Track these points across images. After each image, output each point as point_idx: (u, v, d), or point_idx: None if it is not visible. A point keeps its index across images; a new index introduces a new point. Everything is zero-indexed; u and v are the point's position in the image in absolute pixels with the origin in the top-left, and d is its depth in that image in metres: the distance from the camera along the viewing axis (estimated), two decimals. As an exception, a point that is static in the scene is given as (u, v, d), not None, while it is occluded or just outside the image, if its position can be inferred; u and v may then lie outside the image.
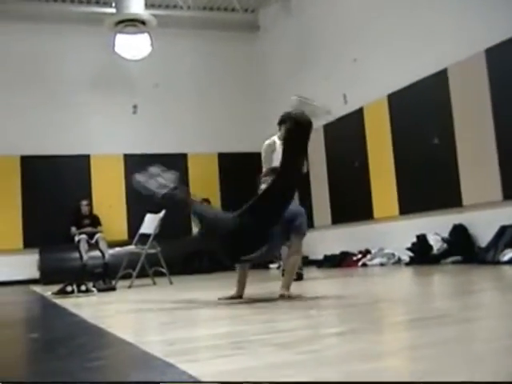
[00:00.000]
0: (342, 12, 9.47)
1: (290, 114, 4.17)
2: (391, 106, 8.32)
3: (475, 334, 2.18)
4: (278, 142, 6.41)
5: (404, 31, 8.11)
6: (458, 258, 6.87)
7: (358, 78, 9.05)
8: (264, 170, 6.25)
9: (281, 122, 6.44)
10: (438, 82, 7.42)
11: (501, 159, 6.58)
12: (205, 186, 11.17)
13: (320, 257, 9.17)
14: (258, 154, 11.83)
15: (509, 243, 6.22)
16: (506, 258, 6.09)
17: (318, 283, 5.41)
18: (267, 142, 6.59)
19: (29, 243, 9.99)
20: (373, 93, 8.61)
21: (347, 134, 9.27)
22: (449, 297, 3.63)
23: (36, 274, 9.60)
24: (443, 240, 7.13)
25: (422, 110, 7.72)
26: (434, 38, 7.56)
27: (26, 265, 9.79)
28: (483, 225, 6.83)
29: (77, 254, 8.89)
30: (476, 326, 2.34)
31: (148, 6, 9.95)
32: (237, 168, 11.25)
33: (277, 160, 6.25)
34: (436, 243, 7.14)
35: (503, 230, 6.41)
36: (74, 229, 9.24)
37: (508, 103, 6.55)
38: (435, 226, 7.37)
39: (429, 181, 7.55)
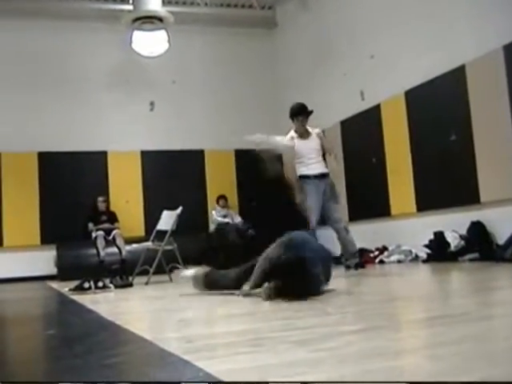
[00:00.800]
0: (359, 8, 9.42)
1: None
2: (408, 102, 8.27)
3: (495, 332, 2.17)
4: (296, 137, 6.41)
5: (421, 27, 8.05)
6: (476, 255, 6.82)
7: (375, 75, 9.00)
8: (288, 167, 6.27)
9: (293, 115, 6.44)
10: (456, 78, 7.36)
11: (519, 156, 6.52)
12: (222, 182, 11.20)
13: (337, 254, 9.14)
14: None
15: (527, 240, 6.18)
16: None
17: (335, 280, 5.39)
18: (289, 135, 6.53)
19: (46, 239, 10.08)
20: (390, 89, 8.56)
21: (364, 130, 9.24)
22: (467, 294, 3.61)
23: (53, 271, 9.70)
24: (461, 237, 7.09)
25: (439, 107, 7.67)
26: (452, 35, 7.51)
27: (44, 261, 9.88)
28: (501, 222, 6.78)
29: (94, 251, 8.93)
30: (496, 324, 2.33)
31: (165, 2, 9.96)
32: (253, 164, 11.21)
33: (299, 155, 6.30)
34: (453, 240, 7.10)
35: (522, 226, 6.36)
36: (91, 225, 9.28)
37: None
38: (453, 223, 7.32)
39: (446, 177, 7.49)
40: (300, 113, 6.41)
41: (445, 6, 7.66)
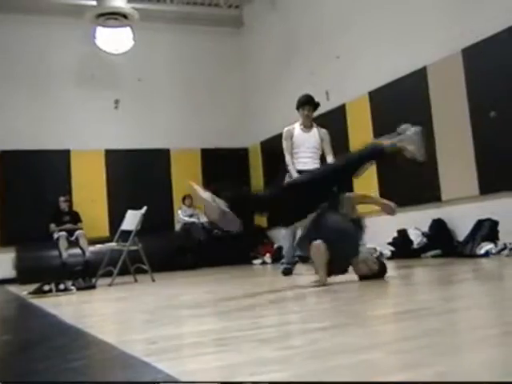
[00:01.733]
0: (325, 9, 9.47)
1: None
2: (372, 102, 8.37)
3: (457, 326, 2.21)
4: (298, 128, 6.31)
5: (386, 30, 8.17)
6: (438, 251, 6.95)
7: (340, 75, 9.07)
8: (287, 157, 6.19)
9: (298, 106, 6.33)
10: (418, 79, 7.49)
11: (477, 155, 6.70)
12: (188, 181, 11.13)
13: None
14: (243, 150, 11.88)
15: (485, 237, 6.34)
16: (482, 251, 6.19)
17: (301, 277, 5.42)
18: (286, 128, 6.40)
19: (5, 241, 9.72)
20: (355, 90, 8.65)
21: (330, 130, 9.27)
22: (430, 289, 3.66)
23: (12, 274, 9.29)
24: (423, 234, 7.22)
25: (402, 107, 7.77)
26: (415, 37, 7.65)
27: (2, 263, 9.45)
28: (461, 219, 6.92)
29: (56, 252, 8.77)
30: (457, 318, 2.37)
31: (131, -1, 9.87)
32: (220, 164, 11.22)
33: (295, 146, 6.21)
34: (416, 238, 7.24)
35: (480, 223, 6.53)
36: (53, 226, 9.12)
37: (483, 101, 6.65)
38: (415, 221, 7.43)
39: (409, 177, 7.59)
40: (305, 103, 6.32)
41: (408, 9, 7.78)
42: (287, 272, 6.05)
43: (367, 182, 8.32)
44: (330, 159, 6.19)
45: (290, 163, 6.15)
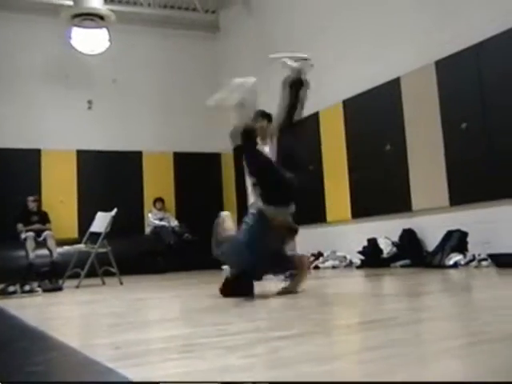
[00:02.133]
0: (300, 16, 9.54)
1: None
2: (346, 111, 8.42)
3: (422, 336, 2.22)
4: (259, 142, 6.19)
5: (360, 39, 8.25)
6: (407, 261, 7.01)
7: (314, 83, 9.08)
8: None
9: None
10: (391, 90, 7.57)
11: (448, 166, 6.78)
12: (159, 185, 11.10)
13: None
14: (215, 155, 11.86)
15: (454, 247, 6.41)
16: (451, 262, 6.25)
17: (270, 285, 5.42)
18: None
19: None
20: (329, 98, 8.69)
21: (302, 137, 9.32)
22: (397, 299, 3.68)
23: None
24: (393, 244, 7.27)
25: (375, 117, 7.85)
26: (389, 48, 7.74)
27: None
28: (431, 229, 7.00)
29: (22, 252, 8.63)
30: (422, 328, 2.39)
31: (107, 1, 9.81)
32: (192, 168, 11.20)
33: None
34: (386, 247, 7.28)
35: (449, 234, 6.60)
36: (20, 225, 8.97)
37: (455, 113, 6.74)
38: (385, 230, 7.49)
39: (380, 186, 7.67)
40: (256, 118, 6.21)
41: (383, 20, 7.88)
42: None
43: (339, 190, 8.39)
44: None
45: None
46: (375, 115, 7.85)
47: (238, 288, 3.87)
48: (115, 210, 7.02)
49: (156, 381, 1.56)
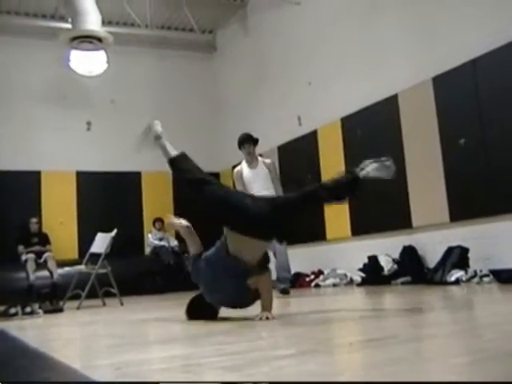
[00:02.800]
0: (297, 36, 9.61)
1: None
2: (344, 128, 8.45)
3: (423, 354, 2.21)
4: (245, 166, 6.49)
5: (358, 57, 8.30)
6: (408, 278, 6.98)
7: (312, 101, 9.17)
8: None
9: (239, 145, 6.49)
10: (389, 106, 7.60)
11: (448, 182, 6.78)
12: (159, 205, 11.09)
13: (273, 277, 9.16)
14: (215, 174, 11.85)
15: (455, 264, 6.38)
16: (452, 279, 6.23)
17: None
18: (236, 169, 6.61)
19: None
20: (327, 116, 8.74)
21: (301, 155, 9.36)
22: (398, 317, 3.67)
23: None
24: (393, 261, 7.25)
25: (373, 133, 7.87)
26: (386, 65, 7.78)
27: None
28: (431, 246, 6.98)
29: (23, 274, 8.61)
30: (423, 346, 2.37)
31: (105, 22, 9.88)
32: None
33: (246, 182, 6.37)
34: (387, 264, 7.26)
35: (450, 250, 6.58)
36: (21, 247, 8.97)
37: (454, 128, 6.77)
38: (386, 247, 7.48)
39: (380, 202, 7.66)
40: (243, 142, 6.50)
41: (380, 37, 7.93)
42: (285, 292, 6.23)
43: (338, 208, 8.38)
44: (278, 190, 6.38)
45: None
46: (373, 132, 7.87)
47: (203, 309, 3.77)
48: (115, 230, 7.02)
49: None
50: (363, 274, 7.53)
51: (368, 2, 8.17)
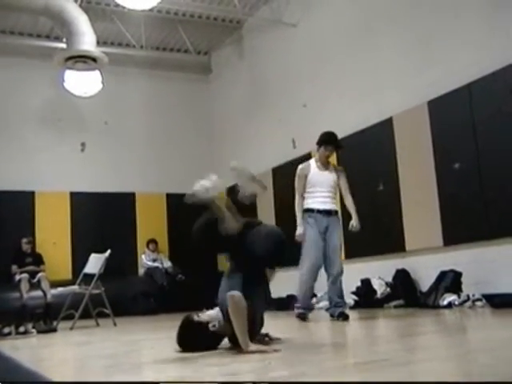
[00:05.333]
0: (293, 58, 9.70)
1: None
2: (339, 152, 8.48)
3: (417, 377, 2.22)
4: (314, 166, 5.91)
5: (353, 80, 8.37)
6: (401, 301, 6.99)
7: (307, 123, 9.23)
8: (296, 197, 5.87)
9: (322, 142, 5.90)
10: (384, 129, 7.66)
11: (442, 206, 6.81)
12: (152, 226, 11.09)
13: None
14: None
15: (449, 288, 6.40)
16: (445, 302, 6.24)
17: (265, 326, 5.40)
18: (301, 166, 6.01)
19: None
20: (321, 138, 8.77)
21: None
22: (391, 340, 3.68)
23: None
24: (386, 284, 7.26)
25: (368, 157, 7.92)
26: (381, 88, 7.85)
27: None
28: (425, 270, 7.00)
29: (16, 294, 8.56)
30: (417, 369, 2.39)
31: (100, 43, 9.95)
32: (185, 209, 11.18)
33: (311, 185, 5.82)
34: (380, 287, 7.27)
35: (443, 274, 6.59)
36: (14, 267, 8.93)
37: (448, 152, 6.82)
38: (379, 271, 7.49)
39: (373, 226, 7.67)
40: (330, 142, 5.89)
41: (376, 60, 8.01)
42: (303, 317, 5.76)
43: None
44: (348, 200, 5.94)
45: (298, 206, 5.84)
46: (369, 155, 7.91)
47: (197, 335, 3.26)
48: (109, 251, 7.02)
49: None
50: (356, 298, 7.53)
51: (364, 25, 8.28)
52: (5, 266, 8.99)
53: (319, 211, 5.78)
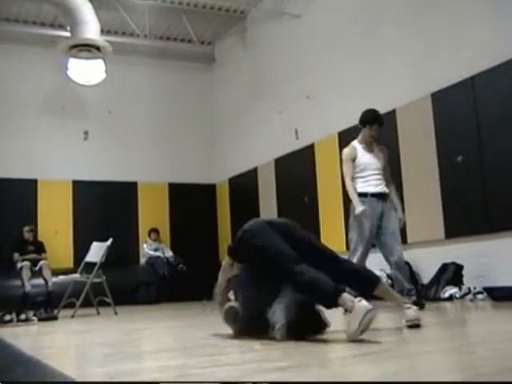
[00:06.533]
0: (297, 49, 9.66)
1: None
2: (342, 143, 8.47)
3: (416, 369, 2.22)
4: (360, 148, 5.53)
5: (356, 71, 8.34)
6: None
7: (310, 115, 9.21)
8: (347, 180, 5.41)
9: (365, 122, 5.59)
10: (387, 122, 7.61)
11: (444, 199, 6.81)
12: (154, 215, 11.10)
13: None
14: (210, 186, 11.90)
15: (450, 280, 6.41)
16: (446, 295, 6.25)
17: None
18: (346, 149, 5.59)
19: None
20: (324, 130, 8.77)
21: (298, 169, 9.39)
22: (390, 332, 3.68)
23: None
24: (388, 276, 7.25)
25: (370, 149, 7.89)
26: (385, 80, 7.82)
27: None
28: (426, 262, 7.00)
29: (18, 282, 8.60)
30: (417, 361, 2.39)
31: (104, 31, 9.91)
32: (187, 199, 11.23)
33: (360, 168, 5.40)
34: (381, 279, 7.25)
35: (445, 267, 6.60)
36: (16, 255, 8.96)
37: (451, 145, 6.80)
38: (380, 263, 7.46)
39: (376, 218, 7.68)
40: (374, 121, 5.55)
41: (379, 52, 7.98)
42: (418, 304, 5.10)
43: (334, 222, 8.40)
44: (392, 185, 5.59)
45: (351, 189, 5.36)
46: (370, 148, 7.90)
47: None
48: (110, 240, 7.03)
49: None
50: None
51: (367, 17, 8.24)
52: (6, 253, 9.03)
53: (373, 195, 5.36)
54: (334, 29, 8.86)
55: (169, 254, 10.65)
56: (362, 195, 5.37)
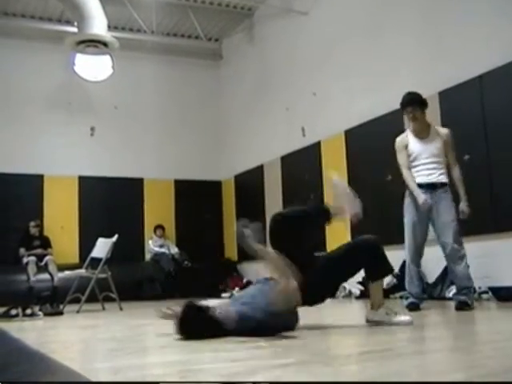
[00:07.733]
0: (304, 46, 9.66)
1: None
2: (348, 141, 8.47)
3: (421, 368, 2.21)
4: (411, 135, 5.24)
5: (363, 69, 8.33)
6: (407, 292, 6.96)
7: (316, 112, 9.20)
8: (403, 171, 5.19)
9: (404, 105, 5.22)
10: (394, 120, 7.60)
11: (450, 197, 6.76)
12: (160, 211, 11.12)
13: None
14: (216, 183, 11.91)
15: (455, 280, 6.38)
16: (451, 294, 6.23)
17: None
18: (398, 138, 5.35)
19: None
20: (331, 128, 8.77)
21: (304, 166, 9.38)
22: (395, 331, 3.67)
23: None
24: (393, 275, 7.24)
25: (377, 147, 7.88)
26: (392, 78, 7.81)
27: None
28: (431, 261, 6.97)
29: (24, 276, 8.64)
30: (422, 360, 2.38)
31: (111, 27, 9.93)
32: (193, 195, 11.24)
33: (412, 157, 5.14)
34: (386, 278, 7.25)
35: (450, 266, 6.56)
36: (22, 250, 9.00)
37: (458, 144, 6.75)
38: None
39: (381, 216, 7.68)
40: (405, 105, 5.18)
41: (386, 50, 7.97)
42: (413, 307, 5.09)
43: (339, 225, 8.38)
44: (455, 172, 5.21)
45: (407, 179, 5.13)
46: (377, 145, 7.88)
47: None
48: (116, 236, 7.05)
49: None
50: (362, 287, 7.53)
51: (375, 15, 8.22)
52: (12, 248, 9.06)
53: (421, 186, 5.06)
54: (342, 26, 8.84)
55: (174, 250, 10.67)
56: None
